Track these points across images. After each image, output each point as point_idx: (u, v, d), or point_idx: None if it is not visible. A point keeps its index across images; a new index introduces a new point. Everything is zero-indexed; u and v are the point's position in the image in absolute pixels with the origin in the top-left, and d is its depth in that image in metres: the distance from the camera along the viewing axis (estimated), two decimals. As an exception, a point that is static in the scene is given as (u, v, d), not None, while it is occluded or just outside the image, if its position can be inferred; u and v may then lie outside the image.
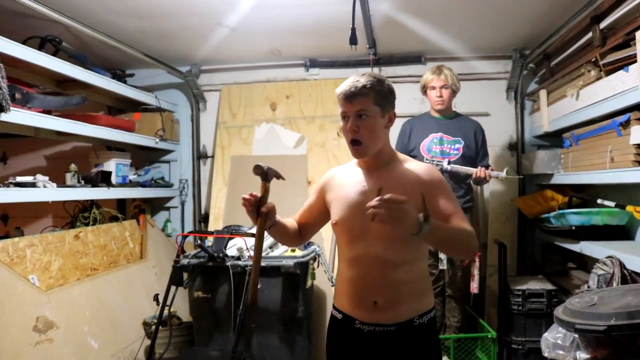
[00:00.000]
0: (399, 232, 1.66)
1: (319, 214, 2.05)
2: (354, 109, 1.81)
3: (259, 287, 3.14)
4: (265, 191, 1.85)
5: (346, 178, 1.96)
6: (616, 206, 3.18)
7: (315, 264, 3.47)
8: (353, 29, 3.04)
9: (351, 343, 1.90)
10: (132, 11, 3.35)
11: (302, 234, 2.11)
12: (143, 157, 4.79)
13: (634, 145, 2.66)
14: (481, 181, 3.49)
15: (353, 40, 3.05)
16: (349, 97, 1.81)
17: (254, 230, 3.27)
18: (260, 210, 1.83)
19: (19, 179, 3.06)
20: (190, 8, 3.31)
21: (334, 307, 2.01)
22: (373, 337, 1.85)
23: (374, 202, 1.54)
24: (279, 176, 1.93)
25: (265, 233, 1.91)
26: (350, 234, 1.88)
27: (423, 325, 1.86)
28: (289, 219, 2.09)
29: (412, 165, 1.91)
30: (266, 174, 1.85)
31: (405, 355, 1.84)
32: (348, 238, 1.89)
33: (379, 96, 1.83)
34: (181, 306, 3.68)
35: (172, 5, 3.27)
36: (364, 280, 1.85)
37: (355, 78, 1.83)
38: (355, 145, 1.83)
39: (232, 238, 3.37)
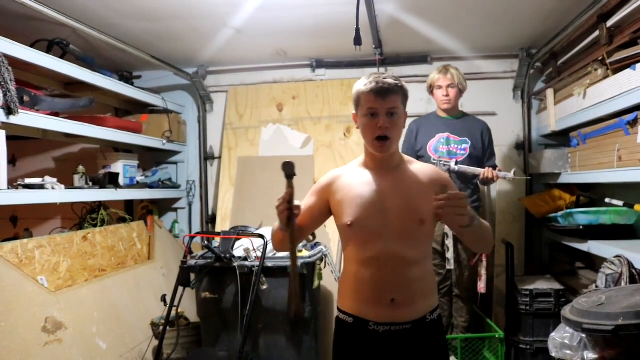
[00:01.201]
0: (455, 223, 1.77)
1: (320, 215, 2.01)
2: (386, 106, 1.80)
3: (265, 287, 3.17)
4: (293, 190, 1.78)
5: (355, 179, 1.93)
6: (624, 205, 3.17)
7: (322, 265, 3.47)
8: (357, 30, 3.04)
9: (365, 346, 1.86)
10: (139, 13, 3.37)
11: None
12: (150, 158, 4.81)
13: (641, 144, 2.65)
14: (489, 182, 3.48)
15: (357, 41, 3.05)
16: (382, 94, 1.79)
17: (260, 231, 3.30)
18: (292, 212, 1.77)
19: (28, 180, 3.08)
20: (195, 10, 3.33)
21: (340, 311, 1.96)
22: (389, 337, 1.84)
23: (443, 197, 1.65)
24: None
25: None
26: (367, 234, 1.85)
27: (434, 321, 1.90)
28: None
29: (419, 166, 1.97)
30: (293, 173, 1.80)
31: (420, 352, 1.85)
32: (364, 238, 1.86)
33: (404, 95, 1.88)
34: (189, 307, 3.70)
35: (177, 8, 3.29)
36: (382, 280, 1.84)
37: (378, 75, 1.83)
38: (383, 140, 1.82)
39: (239, 239, 3.38)
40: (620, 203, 3.20)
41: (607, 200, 3.32)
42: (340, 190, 1.94)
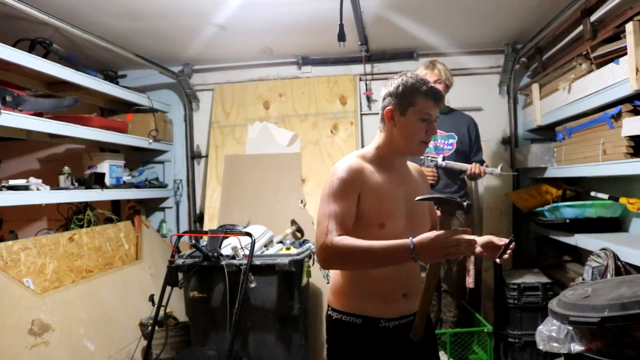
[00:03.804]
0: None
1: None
2: (436, 114, 1.87)
3: (253, 285, 3.16)
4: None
5: (379, 177, 1.85)
6: (609, 198, 3.20)
7: (311, 262, 3.47)
8: (341, 26, 3.04)
9: (376, 345, 1.84)
10: (123, 12, 3.34)
11: None
12: (137, 158, 4.78)
13: (625, 137, 2.66)
14: (476, 177, 3.49)
15: (341, 37, 3.05)
16: (438, 102, 1.86)
17: (248, 229, 3.29)
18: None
19: (12, 182, 3.05)
20: (179, 7, 3.30)
21: (342, 312, 1.87)
22: (399, 331, 1.86)
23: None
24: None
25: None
26: (393, 236, 1.73)
27: None
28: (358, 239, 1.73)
29: (410, 164, 2.06)
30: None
31: (423, 339, 1.84)
32: (389, 240, 1.71)
33: None
34: (177, 306, 3.68)
35: (161, 5, 3.26)
36: (397, 278, 1.86)
37: (426, 79, 1.89)
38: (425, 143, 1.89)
39: (226, 237, 3.36)
40: (606, 196, 3.23)
41: (592, 193, 3.35)
42: (367, 187, 1.81)
